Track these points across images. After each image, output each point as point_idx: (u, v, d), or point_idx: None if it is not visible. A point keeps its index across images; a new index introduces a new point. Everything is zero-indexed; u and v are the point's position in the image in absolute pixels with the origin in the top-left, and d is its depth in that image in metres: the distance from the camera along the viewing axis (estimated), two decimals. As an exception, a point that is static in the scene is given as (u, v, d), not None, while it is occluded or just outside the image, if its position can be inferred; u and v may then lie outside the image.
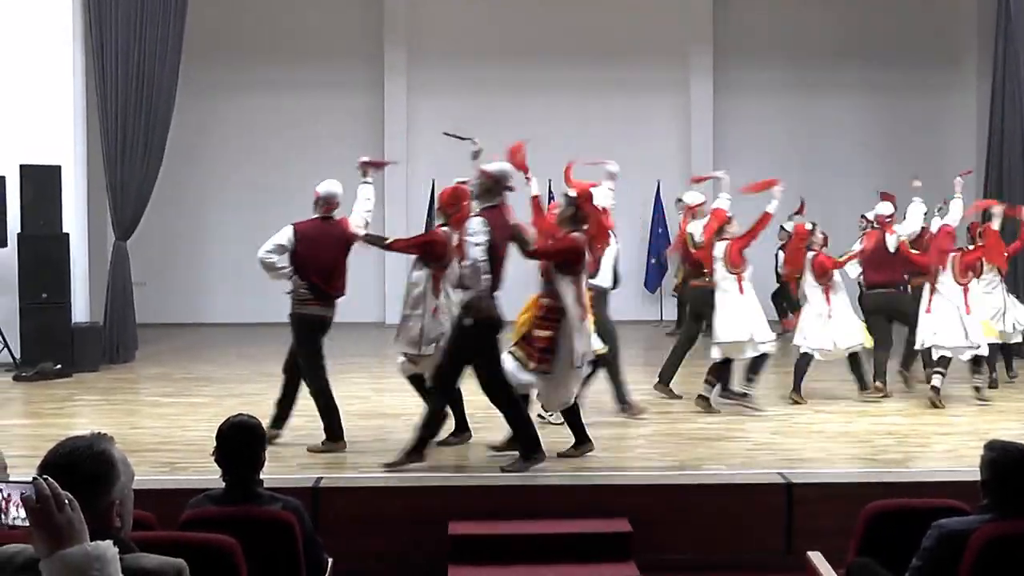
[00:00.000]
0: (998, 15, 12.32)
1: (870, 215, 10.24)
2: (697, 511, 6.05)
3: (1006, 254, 9.91)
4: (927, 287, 9.07)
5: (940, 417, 8.47)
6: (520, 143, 7.56)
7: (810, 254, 9.26)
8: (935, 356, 8.98)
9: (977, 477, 3.77)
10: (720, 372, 8.71)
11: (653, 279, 15.91)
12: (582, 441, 6.99)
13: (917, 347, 9.27)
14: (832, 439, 7.64)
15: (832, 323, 9.03)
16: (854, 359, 9.18)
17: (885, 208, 9.77)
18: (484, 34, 15.95)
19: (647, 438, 7.66)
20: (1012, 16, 11.99)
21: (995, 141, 12.32)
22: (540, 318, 6.77)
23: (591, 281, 7.46)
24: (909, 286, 9.98)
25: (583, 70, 15.98)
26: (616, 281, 8.51)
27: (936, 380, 8.82)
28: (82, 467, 2.43)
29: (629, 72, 16.03)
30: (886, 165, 16.21)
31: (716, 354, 8.61)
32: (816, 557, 4.49)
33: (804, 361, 9.12)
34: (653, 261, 15.56)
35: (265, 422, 4.45)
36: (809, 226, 9.62)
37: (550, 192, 15.48)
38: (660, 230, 15.74)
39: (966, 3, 16.07)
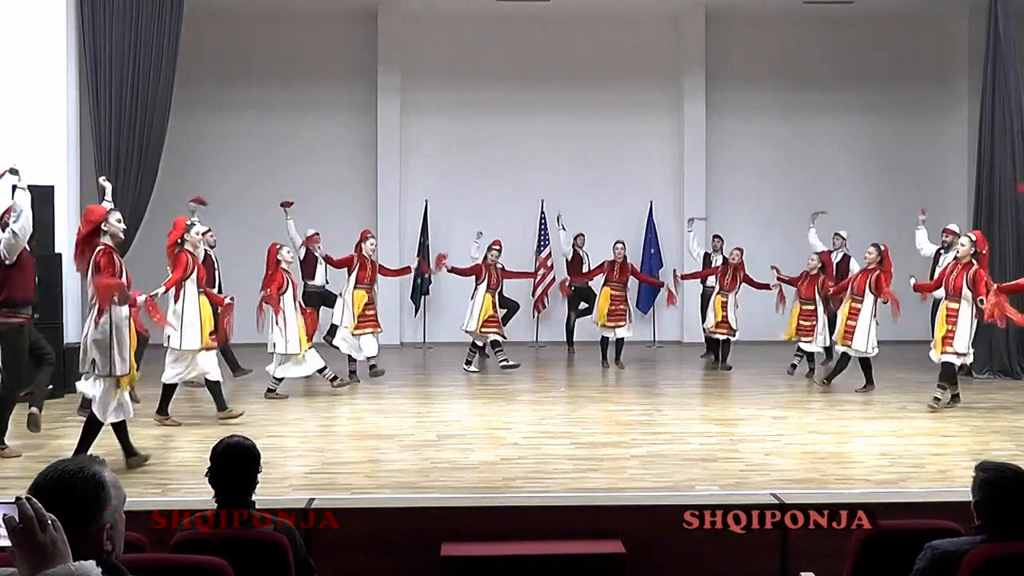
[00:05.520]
0: (988, 37, 12.41)
1: None
2: (691, 532, 6.03)
3: None
4: None
5: (933, 438, 8.50)
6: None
7: None
8: None
9: (970, 498, 3.76)
10: None
11: (646, 300, 15.91)
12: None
13: None
14: (825, 460, 7.64)
15: None
16: None
17: None
18: (477, 57, 16.02)
19: (640, 459, 7.65)
20: (1002, 38, 12.08)
21: (985, 161, 12.37)
22: None
23: None
24: None
25: (575, 92, 16.06)
26: None
27: None
28: (74, 490, 2.43)
29: (622, 94, 16.12)
30: (878, 185, 16.33)
31: None
32: (810, 578, 4.49)
33: None
34: (645, 282, 15.56)
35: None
36: None
37: (543, 212, 15.55)
38: (652, 250, 15.76)
39: (957, 25, 16.18)
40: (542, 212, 15.62)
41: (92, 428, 7.37)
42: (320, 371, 10.74)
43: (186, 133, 14.49)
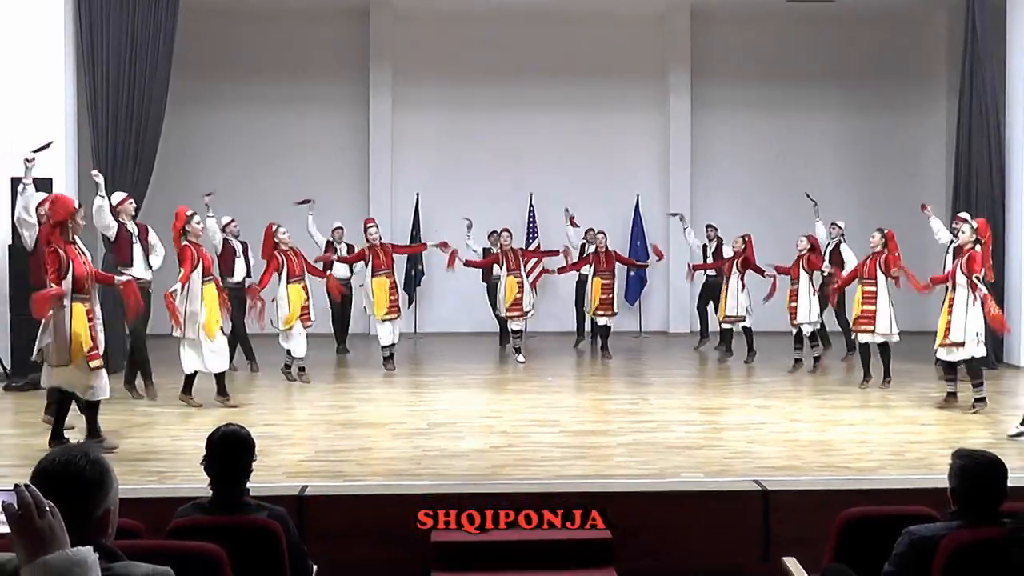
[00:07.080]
0: (965, 35, 12.54)
1: None
2: (676, 518, 6.13)
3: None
4: None
5: (911, 426, 8.64)
6: None
7: None
8: None
9: (947, 484, 3.86)
10: None
11: (633, 291, 16.06)
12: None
13: None
14: (806, 447, 7.75)
15: None
16: None
17: None
18: (468, 53, 16.10)
19: (626, 447, 7.76)
20: (979, 36, 12.22)
21: (963, 156, 12.51)
22: None
23: None
24: None
25: (564, 88, 16.16)
26: None
27: None
28: (83, 475, 2.44)
29: (609, 90, 16.22)
30: (859, 180, 16.47)
31: None
32: (791, 562, 4.56)
33: None
34: (632, 273, 15.70)
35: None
36: None
37: (531, 206, 15.64)
38: (639, 243, 15.88)
39: (936, 23, 16.35)
40: (531, 206, 15.72)
41: (60, 408, 7.67)
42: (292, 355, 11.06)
43: (181, 127, 14.53)
